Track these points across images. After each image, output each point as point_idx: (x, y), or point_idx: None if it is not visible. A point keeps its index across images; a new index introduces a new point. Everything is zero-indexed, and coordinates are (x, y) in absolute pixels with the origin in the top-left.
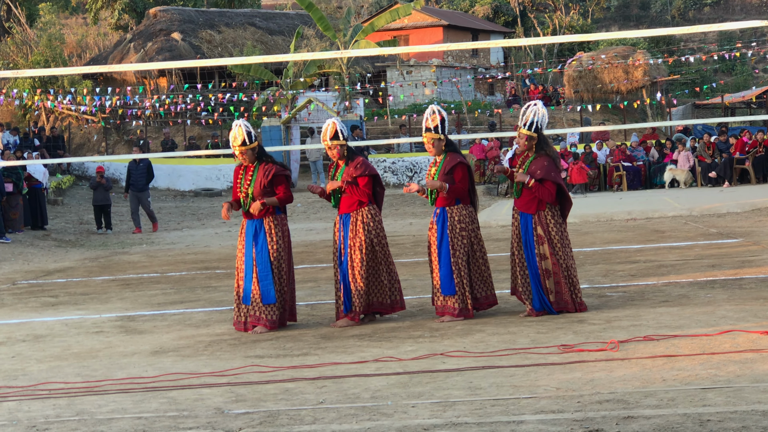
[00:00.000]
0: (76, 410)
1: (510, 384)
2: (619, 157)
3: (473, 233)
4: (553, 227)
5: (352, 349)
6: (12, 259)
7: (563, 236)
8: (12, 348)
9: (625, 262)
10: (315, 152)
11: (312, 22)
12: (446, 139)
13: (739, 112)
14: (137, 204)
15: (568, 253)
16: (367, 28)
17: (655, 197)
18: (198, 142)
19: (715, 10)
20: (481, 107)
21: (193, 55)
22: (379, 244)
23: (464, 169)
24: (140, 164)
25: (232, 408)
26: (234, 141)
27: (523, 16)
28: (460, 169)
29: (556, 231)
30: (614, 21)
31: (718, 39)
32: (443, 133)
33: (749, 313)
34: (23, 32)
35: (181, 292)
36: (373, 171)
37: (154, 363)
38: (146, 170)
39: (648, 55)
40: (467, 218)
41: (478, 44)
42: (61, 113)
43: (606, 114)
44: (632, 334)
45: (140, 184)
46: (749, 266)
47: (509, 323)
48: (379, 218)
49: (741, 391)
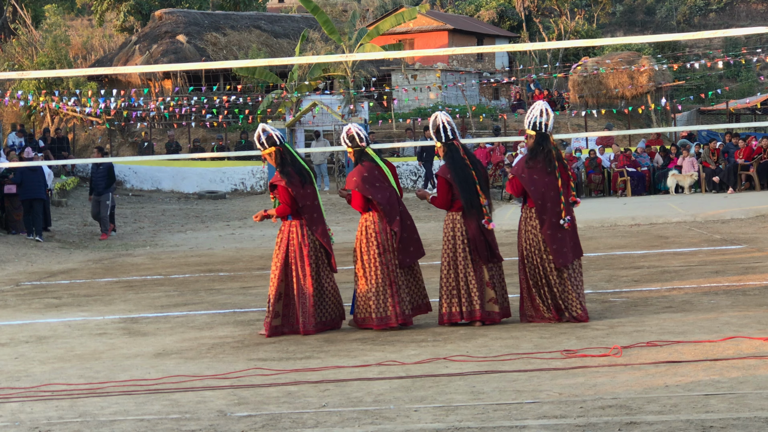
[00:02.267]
0: (79, 412)
1: (513, 389)
2: (624, 162)
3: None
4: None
5: (355, 353)
6: (15, 260)
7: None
8: (15, 349)
9: (629, 268)
10: (319, 155)
11: (317, 25)
12: (443, 147)
13: (744, 119)
14: (98, 208)
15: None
16: (372, 32)
17: (659, 203)
18: (203, 144)
19: (721, 16)
20: (486, 112)
21: (198, 58)
22: (358, 250)
23: (440, 180)
24: (101, 168)
25: (234, 411)
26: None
27: (529, 21)
28: (438, 180)
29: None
30: (619, 26)
31: (723, 45)
32: (440, 141)
33: (753, 319)
34: (29, 33)
35: (185, 294)
36: (354, 184)
37: (157, 365)
38: (107, 173)
39: (653, 60)
40: (447, 226)
41: (483, 48)
42: (65, 115)
43: (610, 119)
44: (635, 339)
45: (100, 188)
46: (753, 273)
47: (512, 328)
48: (366, 225)
49: (744, 398)
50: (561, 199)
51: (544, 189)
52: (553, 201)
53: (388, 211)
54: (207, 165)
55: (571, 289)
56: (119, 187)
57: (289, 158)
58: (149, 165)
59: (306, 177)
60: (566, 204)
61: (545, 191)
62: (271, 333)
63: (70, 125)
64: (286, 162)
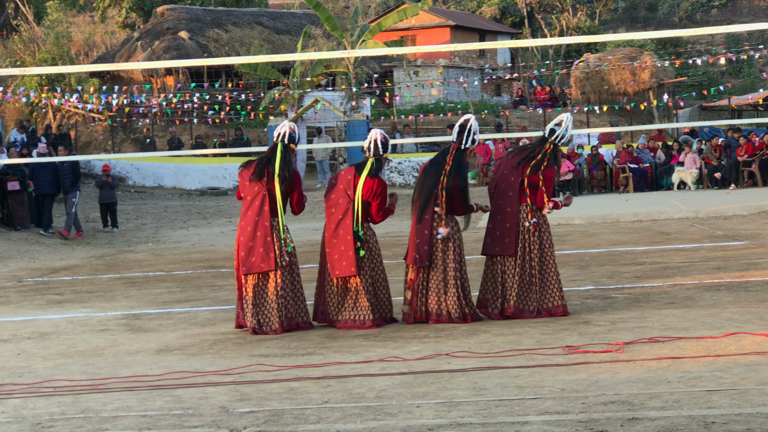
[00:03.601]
0: (81, 408)
1: (515, 385)
2: (626, 158)
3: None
4: None
5: (357, 349)
6: (18, 256)
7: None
8: (17, 345)
9: (631, 264)
10: (321, 152)
11: (319, 21)
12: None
13: (746, 115)
14: (68, 206)
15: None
16: (375, 28)
17: (661, 199)
18: (205, 141)
19: (723, 12)
20: (488, 108)
21: (200, 54)
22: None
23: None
24: (65, 165)
25: (236, 407)
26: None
27: (531, 17)
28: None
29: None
30: (621, 22)
31: (725, 41)
32: (462, 143)
33: (755, 315)
34: (31, 30)
35: (187, 290)
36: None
37: (159, 361)
38: (71, 171)
39: (655, 56)
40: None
41: (485, 45)
42: (67, 111)
43: (613, 116)
44: (637, 335)
45: (65, 186)
46: (755, 269)
47: (514, 324)
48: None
49: (746, 394)
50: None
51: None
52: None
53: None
54: (209, 161)
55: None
56: (121, 184)
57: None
58: (151, 161)
59: (260, 174)
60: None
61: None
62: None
63: (72, 122)
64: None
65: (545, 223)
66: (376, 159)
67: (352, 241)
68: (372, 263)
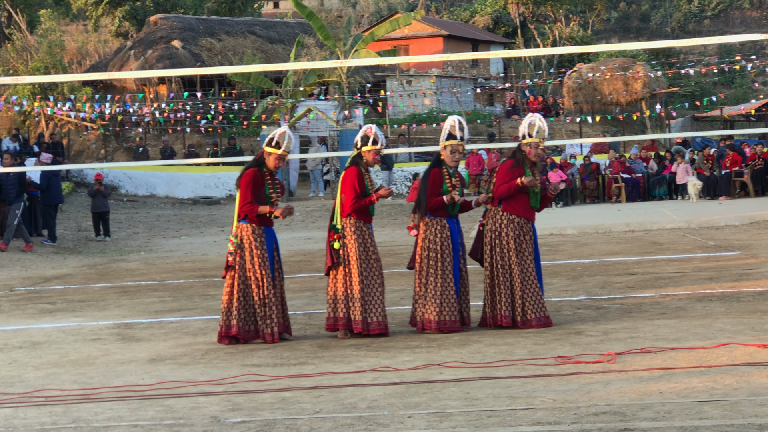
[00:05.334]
0: (73, 417)
1: (507, 395)
2: (618, 168)
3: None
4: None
5: (349, 359)
6: (10, 265)
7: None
8: (9, 354)
9: (623, 274)
10: (312, 161)
11: (312, 31)
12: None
13: (738, 125)
14: (10, 217)
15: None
16: (368, 38)
17: (653, 209)
18: (197, 149)
19: (715, 23)
20: (481, 118)
21: (193, 63)
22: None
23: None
24: (10, 175)
25: (228, 416)
26: (287, 145)
27: (524, 27)
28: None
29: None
30: (614, 33)
31: (717, 52)
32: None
33: (747, 326)
34: (23, 39)
35: (179, 300)
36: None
37: (151, 371)
38: (17, 181)
39: (648, 67)
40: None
41: (478, 55)
42: (60, 120)
43: (605, 125)
44: (629, 346)
45: (11, 197)
46: (747, 279)
47: (506, 334)
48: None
49: (738, 405)
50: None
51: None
52: None
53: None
54: (202, 170)
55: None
56: (114, 193)
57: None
58: (144, 170)
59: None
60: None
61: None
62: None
63: (65, 130)
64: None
65: (527, 233)
66: (358, 153)
67: (330, 234)
68: (357, 261)
